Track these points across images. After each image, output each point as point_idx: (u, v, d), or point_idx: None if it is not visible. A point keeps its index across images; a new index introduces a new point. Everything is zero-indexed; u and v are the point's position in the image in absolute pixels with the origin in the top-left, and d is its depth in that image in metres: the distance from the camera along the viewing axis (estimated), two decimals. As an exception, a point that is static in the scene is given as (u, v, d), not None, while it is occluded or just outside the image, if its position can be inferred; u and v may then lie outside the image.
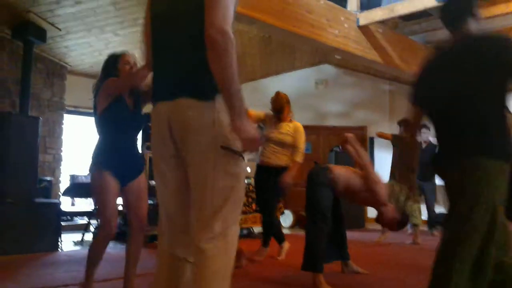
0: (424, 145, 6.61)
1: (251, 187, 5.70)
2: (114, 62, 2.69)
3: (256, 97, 8.59)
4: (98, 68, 8.39)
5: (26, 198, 4.70)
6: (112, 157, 2.60)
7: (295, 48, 8.04)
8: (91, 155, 2.66)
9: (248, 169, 5.75)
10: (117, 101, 2.62)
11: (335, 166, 3.49)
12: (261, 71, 8.88)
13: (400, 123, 5.99)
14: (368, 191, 3.25)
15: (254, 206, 6.12)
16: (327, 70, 9.21)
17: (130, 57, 2.74)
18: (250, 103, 5.16)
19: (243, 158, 1.58)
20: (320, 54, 8.37)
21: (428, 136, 6.81)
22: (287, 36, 5.70)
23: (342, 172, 3.33)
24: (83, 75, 7.57)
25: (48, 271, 3.81)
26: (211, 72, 1.44)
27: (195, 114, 1.50)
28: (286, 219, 8.05)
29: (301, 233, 6.93)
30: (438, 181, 6.89)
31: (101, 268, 2.79)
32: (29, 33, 5.88)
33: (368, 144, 8.54)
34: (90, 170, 2.63)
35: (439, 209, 7.68)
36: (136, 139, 2.80)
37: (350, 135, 3.41)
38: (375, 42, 6.28)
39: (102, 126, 2.67)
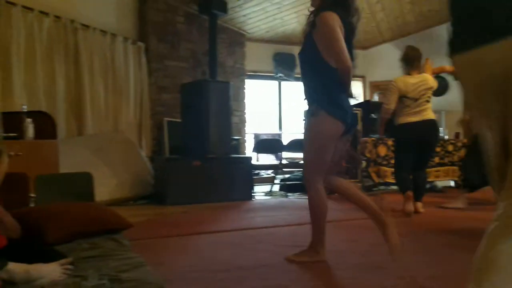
0: None
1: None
2: None
3: (432, 46, 8.09)
4: (273, 32, 8.74)
5: (223, 154, 5.39)
6: None
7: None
8: None
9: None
10: None
11: None
12: (435, 16, 8.26)
13: None
14: None
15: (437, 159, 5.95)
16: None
17: None
18: (424, 52, 4.84)
19: None
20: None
21: None
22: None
23: None
24: (259, 41, 8.10)
25: (248, 215, 4.37)
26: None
27: None
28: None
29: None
30: None
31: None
32: (213, 6, 6.49)
33: None
34: None
35: None
36: None
37: None
38: None
39: None
